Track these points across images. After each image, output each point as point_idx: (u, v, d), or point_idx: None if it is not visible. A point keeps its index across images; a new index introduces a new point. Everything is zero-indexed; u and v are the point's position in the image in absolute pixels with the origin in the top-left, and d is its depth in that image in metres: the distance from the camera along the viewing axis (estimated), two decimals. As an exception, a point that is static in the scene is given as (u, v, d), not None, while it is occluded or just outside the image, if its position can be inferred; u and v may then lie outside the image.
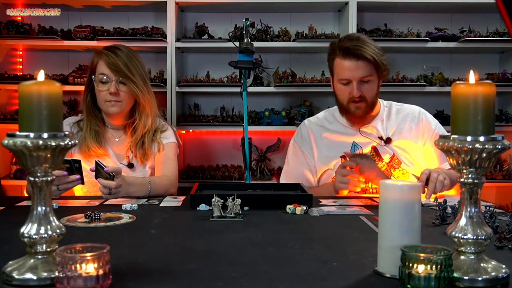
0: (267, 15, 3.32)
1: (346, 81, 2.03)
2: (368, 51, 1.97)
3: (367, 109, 2.07)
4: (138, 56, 2.10)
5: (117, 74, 2.00)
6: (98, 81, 2.03)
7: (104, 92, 2.01)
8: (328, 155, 2.11)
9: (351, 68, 1.99)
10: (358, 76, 1.99)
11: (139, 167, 2.08)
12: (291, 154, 2.22)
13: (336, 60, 2.04)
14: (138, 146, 2.06)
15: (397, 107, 2.20)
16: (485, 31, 3.26)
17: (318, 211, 1.56)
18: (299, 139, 2.20)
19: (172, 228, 1.40)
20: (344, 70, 2.01)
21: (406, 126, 2.13)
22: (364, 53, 1.96)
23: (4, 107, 3.29)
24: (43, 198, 0.93)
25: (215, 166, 3.41)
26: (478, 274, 0.90)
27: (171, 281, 0.94)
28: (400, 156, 2.07)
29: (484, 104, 0.91)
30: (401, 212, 0.95)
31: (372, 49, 1.99)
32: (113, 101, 2.02)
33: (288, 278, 0.96)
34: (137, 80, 2.02)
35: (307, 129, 2.20)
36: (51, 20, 3.23)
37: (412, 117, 2.15)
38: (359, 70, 1.99)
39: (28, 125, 0.90)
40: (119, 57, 2.01)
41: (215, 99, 3.45)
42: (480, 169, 0.92)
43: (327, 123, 2.20)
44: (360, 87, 2.01)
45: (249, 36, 2.11)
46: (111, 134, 2.13)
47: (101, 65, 2.02)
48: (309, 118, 2.30)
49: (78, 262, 0.83)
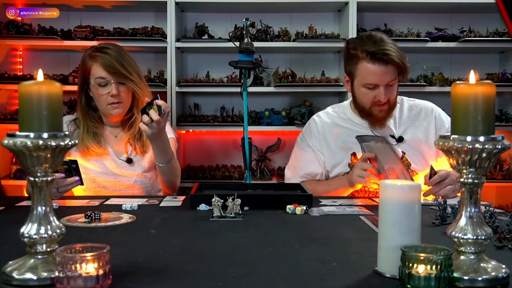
0: (267, 15, 3.33)
1: (372, 86, 1.96)
2: (395, 54, 1.91)
3: (390, 111, 2.02)
4: (127, 52, 2.07)
5: (116, 75, 1.98)
6: (96, 85, 1.99)
7: (105, 96, 1.99)
8: (338, 152, 2.07)
9: (380, 74, 1.93)
10: (386, 81, 1.94)
11: (139, 161, 2.08)
12: (298, 148, 2.18)
13: (361, 63, 1.95)
14: (136, 138, 2.06)
15: (410, 102, 2.14)
16: (485, 31, 3.27)
17: (318, 211, 1.56)
18: (308, 134, 2.15)
19: (172, 228, 1.40)
20: (372, 75, 1.94)
21: (418, 123, 2.08)
22: (393, 57, 1.91)
23: (4, 107, 3.29)
24: (43, 198, 0.93)
25: (215, 166, 3.42)
26: (478, 274, 0.90)
27: (171, 281, 0.94)
28: (411, 156, 2.02)
29: (484, 104, 0.91)
30: (401, 212, 0.95)
31: (397, 51, 1.93)
32: (115, 103, 2.00)
33: (288, 278, 0.96)
34: (134, 78, 2.01)
35: (316, 124, 2.15)
36: (51, 20, 3.22)
37: (425, 114, 2.10)
38: (388, 75, 1.93)
39: (28, 125, 0.90)
40: (112, 57, 1.98)
41: (215, 99, 3.45)
42: (480, 169, 0.92)
43: (338, 119, 2.14)
44: (386, 91, 1.96)
45: (249, 36, 2.11)
46: (109, 132, 2.12)
47: (97, 68, 1.98)
48: (318, 113, 2.22)
49: (78, 262, 0.83)
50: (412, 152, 2.03)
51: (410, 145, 2.04)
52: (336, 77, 3.31)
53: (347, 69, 2.05)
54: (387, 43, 1.95)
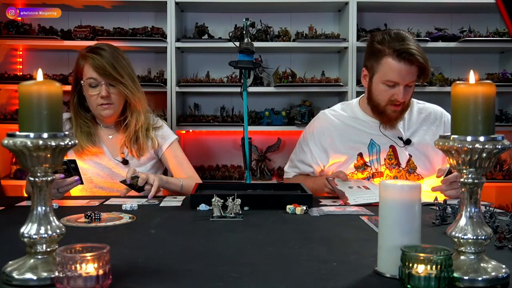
0: (267, 15, 3.33)
1: (393, 84, 1.94)
2: (421, 56, 1.90)
3: (403, 112, 2.01)
4: (123, 54, 2.06)
5: (105, 77, 1.96)
6: (87, 86, 1.99)
7: (94, 97, 1.98)
8: (342, 150, 2.05)
9: (404, 73, 1.91)
10: (407, 81, 1.93)
11: (135, 162, 2.08)
12: (299, 145, 2.18)
13: (386, 59, 1.93)
14: (133, 141, 2.06)
15: (419, 105, 2.14)
16: (485, 31, 3.27)
17: (318, 211, 1.56)
18: (310, 134, 2.13)
19: (172, 228, 1.40)
20: (395, 72, 1.91)
21: (427, 127, 2.07)
22: (419, 58, 1.89)
23: (4, 107, 3.29)
24: (43, 198, 0.93)
25: (215, 166, 3.42)
26: (478, 274, 0.90)
27: (171, 281, 0.94)
28: (417, 160, 2.02)
29: (484, 104, 0.91)
30: (401, 212, 0.95)
31: (422, 53, 1.92)
32: (105, 104, 1.99)
33: (288, 278, 0.96)
34: (126, 81, 1.99)
35: (321, 122, 2.14)
36: (51, 20, 3.22)
37: (434, 118, 2.09)
38: (410, 75, 1.92)
39: (28, 125, 0.90)
40: (105, 58, 1.97)
41: (215, 99, 3.45)
42: (480, 169, 0.92)
43: (346, 117, 2.11)
44: (404, 91, 1.94)
45: (249, 36, 2.11)
46: (104, 132, 2.12)
47: (88, 68, 1.98)
48: (325, 110, 2.19)
49: (78, 262, 0.83)
50: (418, 156, 2.03)
51: (417, 148, 2.04)
52: (336, 77, 3.30)
53: (369, 63, 2.02)
54: (413, 43, 1.94)
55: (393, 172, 2.02)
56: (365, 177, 2.02)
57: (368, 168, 2.03)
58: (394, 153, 2.03)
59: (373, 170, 2.02)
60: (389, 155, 2.03)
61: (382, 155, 2.03)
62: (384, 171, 2.02)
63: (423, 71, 1.94)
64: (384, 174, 2.02)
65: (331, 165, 2.07)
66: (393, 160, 2.02)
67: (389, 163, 2.02)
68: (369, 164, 2.03)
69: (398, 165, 2.02)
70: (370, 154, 2.03)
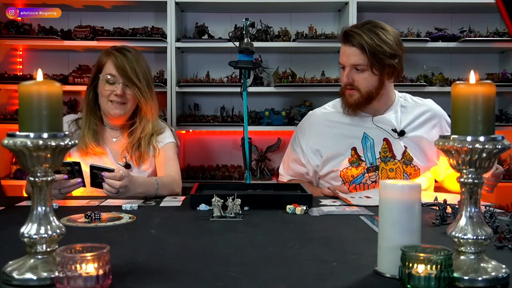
0: (267, 15, 3.32)
1: (341, 66, 2.03)
2: (364, 39, 1.92)
3: (361, 100, 2.00)
4: (145, 60, 2.11)
5: (124, 77, 2.01)
6: (104, 81, 2.02)
7: (108, 92, 2.01)
8: (335, 146, 2.05)
9: (346, 54, 1.99)
10: (352, 62, 1.97)
11: (135, 169, 2.08)
12: (290, 146, 2.19)
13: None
14: (135, 148, 2.06)
15: (415, 99, 2.16)
16: (485, 31, 3.26)
17: (318, 211, 1.56)
18: (301, 132, 2.14)
19: (172, 228, 1.40)
20: (341, 54, 2.02)
21: (422, 120, 2.08)
22: (359, 40, 1.93)
23: (4, 107, 3.29)
24: (43, 198, 0.93)
25: (215, 166, 3.42)
26: (478, 274, 0.90)
27: (171, 281, 0.94)
28: (412, 151, 2.03)
29: (484, 104, 0.91)
30: (401, 212, 0.95)
31: (371, 38, 1.93)
32: (117, 102, 2.02)
33: (288, 278, 0.96)
34: (142, 86, 2.03)
35: (310, 121, 2.15)
36: (51, 20, 3.21)
37: (432, 114, 2.11)
38: (352, 57, 1.97)
39: (28, 125, 0.90)
40: (128, 59, 2.02)
41: (215, 99, 3.45)
42: (480, 169, 0.92)
43: (337, 113, 2.12)
44: (352, 75, 1.98)
45: (249, 36, 2.11)
46: (109, 133, 2.13)
47: (110, 65, 2.02)
48: (315, 110, 2.22)
49: (78, 262, 0.83)
50: (414, 147, 2.04)
51: (412, 140, 2.05)
52: (336, 77, 3.30)
53: None
54: (368, 29, 1.96)
55: (389, 165, 2.02)
56: (360, 173, 2.02)
57: (362, 162, 2.03)
58: (388, 146, 2.04)
59: (368, 165, 2.02)
60: (384, 147, 2.03)
61: (376, 148, 2.03)
62: (379, 164, 2.02)
63: (374, 56, 1.94)
64: (379, 168, 2.02)
65: (325, 163, 2.06)
66: (388, 153, 2.03)
67: (384, 156, 2.02)
68: (364, 158, 2.03)
69: (393, 157, 2.03)
70: (364, 148, 2.04)
